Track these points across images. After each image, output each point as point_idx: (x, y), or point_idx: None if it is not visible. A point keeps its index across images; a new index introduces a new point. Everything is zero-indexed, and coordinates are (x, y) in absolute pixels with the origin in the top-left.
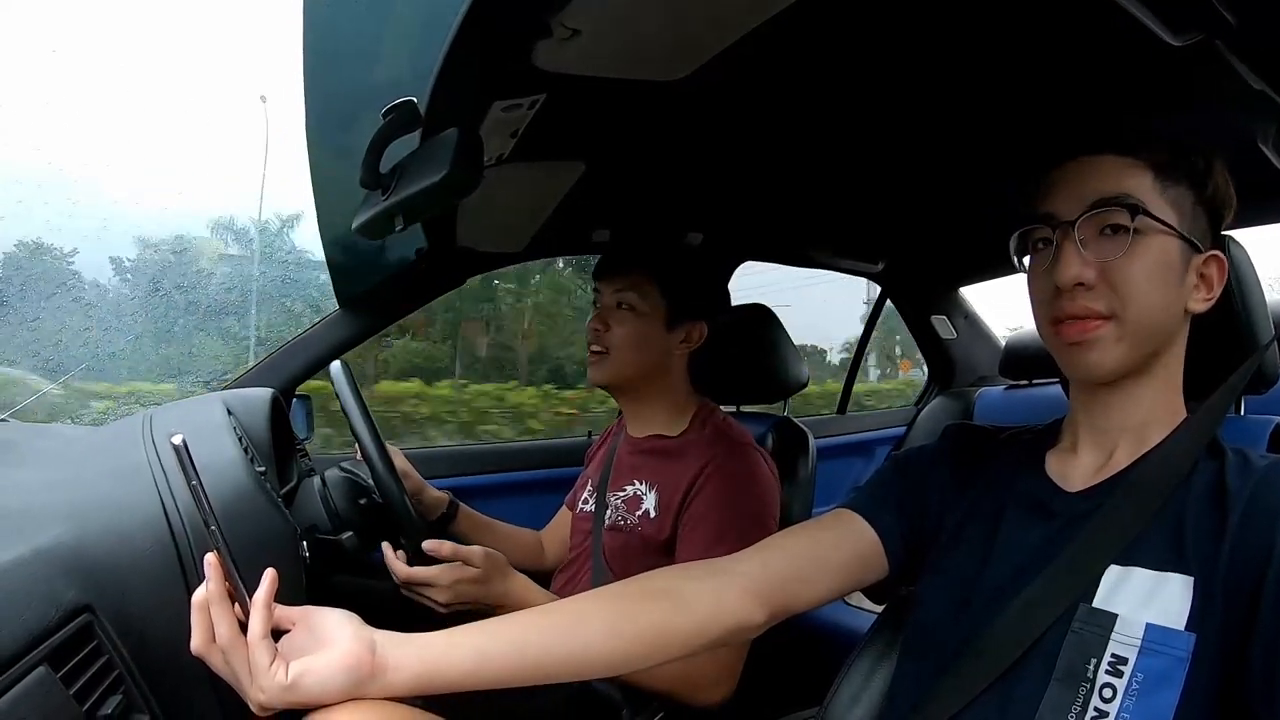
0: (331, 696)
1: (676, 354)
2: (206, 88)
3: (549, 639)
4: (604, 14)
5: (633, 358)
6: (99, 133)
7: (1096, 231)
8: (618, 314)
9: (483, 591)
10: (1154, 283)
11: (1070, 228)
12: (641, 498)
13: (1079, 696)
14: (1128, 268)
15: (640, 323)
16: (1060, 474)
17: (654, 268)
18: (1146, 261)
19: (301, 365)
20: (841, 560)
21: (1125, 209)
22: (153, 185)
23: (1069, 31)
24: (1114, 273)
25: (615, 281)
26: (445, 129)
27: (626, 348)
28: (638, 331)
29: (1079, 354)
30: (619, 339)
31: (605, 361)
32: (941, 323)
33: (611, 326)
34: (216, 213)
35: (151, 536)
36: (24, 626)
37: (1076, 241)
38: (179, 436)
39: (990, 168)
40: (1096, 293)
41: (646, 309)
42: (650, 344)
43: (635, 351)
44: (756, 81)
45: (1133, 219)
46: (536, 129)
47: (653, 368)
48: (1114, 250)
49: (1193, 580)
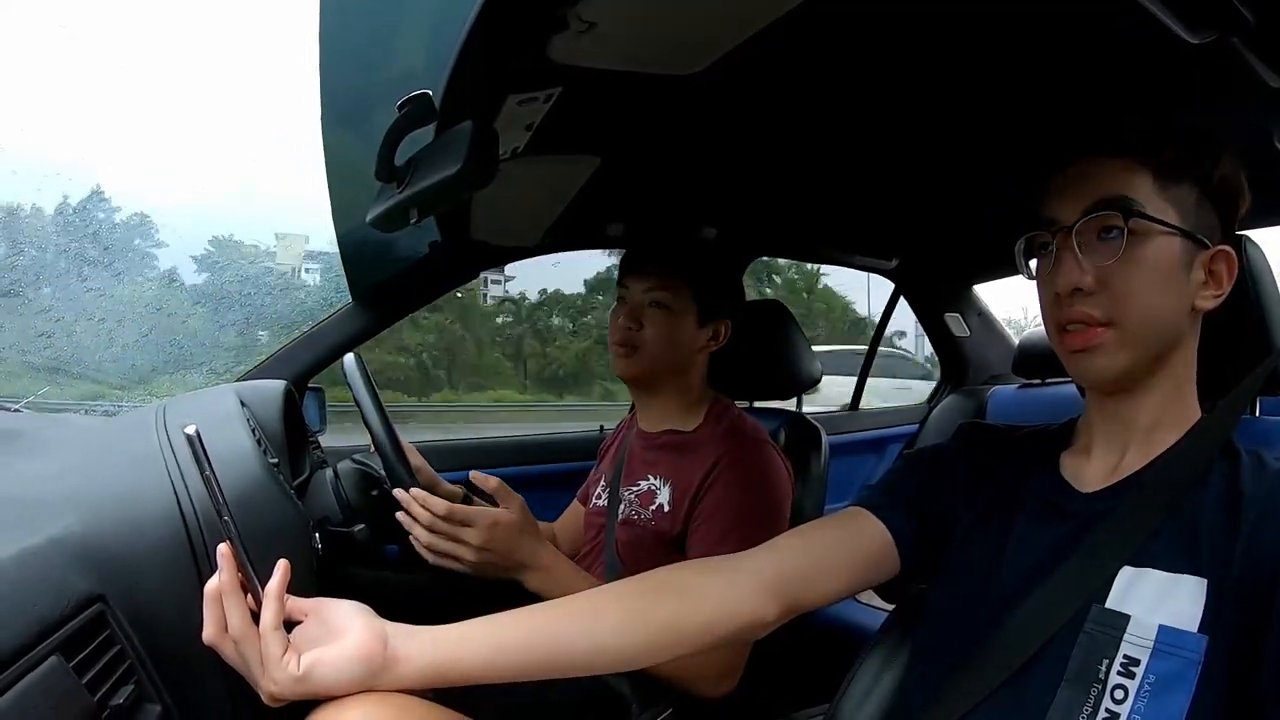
0: (343, 688)
1: (702, 353)
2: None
3: (561, 632)
4: (620, 7)
5: (663, 356)
6: None
7: (1095, 235)
8: (650, 312)
9: (514, 546)
10: (1153, 286)
11: (1069, 233)
12: (655, 492)
13: (1090, 697)
14: (1125, 272)
15: (673, 322)
16: (1074, 474)
17: (687, 267)
18: (1144, 264)
19: (314, 357)
20: (853, 558)
21: (1119, 212)
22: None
23: (1084, 30)
24: (1112, 278)
25: (647, 280)
26: (460, 122)
27: (658, 346)
28: (670, 330)
29: (1082, 361)
30: (651, 337)
31: (635, 356)
32: (955, 320)
33: (644, 325)
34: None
35: (164, 527)
36: (36, 616)
37: (1074, 247)
38: (192, 427)
39: (1000, 167)
40: (1095, 299)
41: (679, 308)
42: (681, 343)
43: (666, 350)
44: (771, 77)
45: (1126, 221)
46: (552, 122)
47: (679, 364)
48: (1111, 254)
49: (1206, 582)
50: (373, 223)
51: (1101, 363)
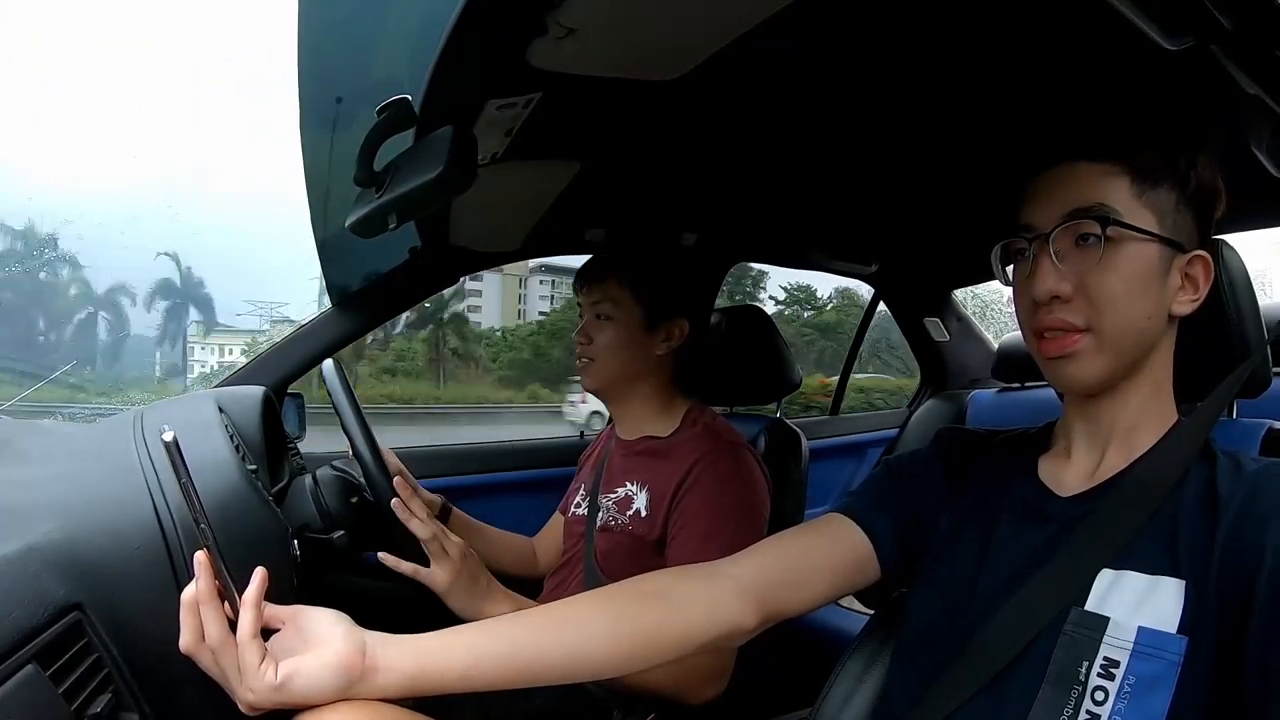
0: (321, 697)
1: (659, 354)
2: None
3: (542, 641)
4: (600, 13)
5: (615, 362)
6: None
7: (1072, 242)
8: (597, 324)
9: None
10: (1131, 292)
11: (1046, 240)
12: (633, 498)
13: (1071, 699)
14: (1102, 279)
15: (618, 329)
16: (1053, 478)
17: (624, 274)
18: (1122, 271)
19: (294, 364)
20: (834, 564)
21: (1096, 220)
22: None
23: (1061, 36)
24: (1089, 285)
25: (592, 293)
26: (440, 127)
27: (607, 354)
28: (617, 338)
29: (1060, 367)
30: (600, 347)
31: (592, 369)
32: (934, 325)
33: (593, 337)
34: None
35: (142, 534)
36: (13, 624)
37: (1051, 254)
38: (170, 433)
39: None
40: (1073, 306)
41: (622, 315)
42: (631, 348)
43: (617, 356)
44: (752, 82)
45: (1104, 229)
46: (531, 128)
47: (637, 370)
48: (1088, 261)
49: (1185, 584)
50: (352, 228)
51: (1078, 368)
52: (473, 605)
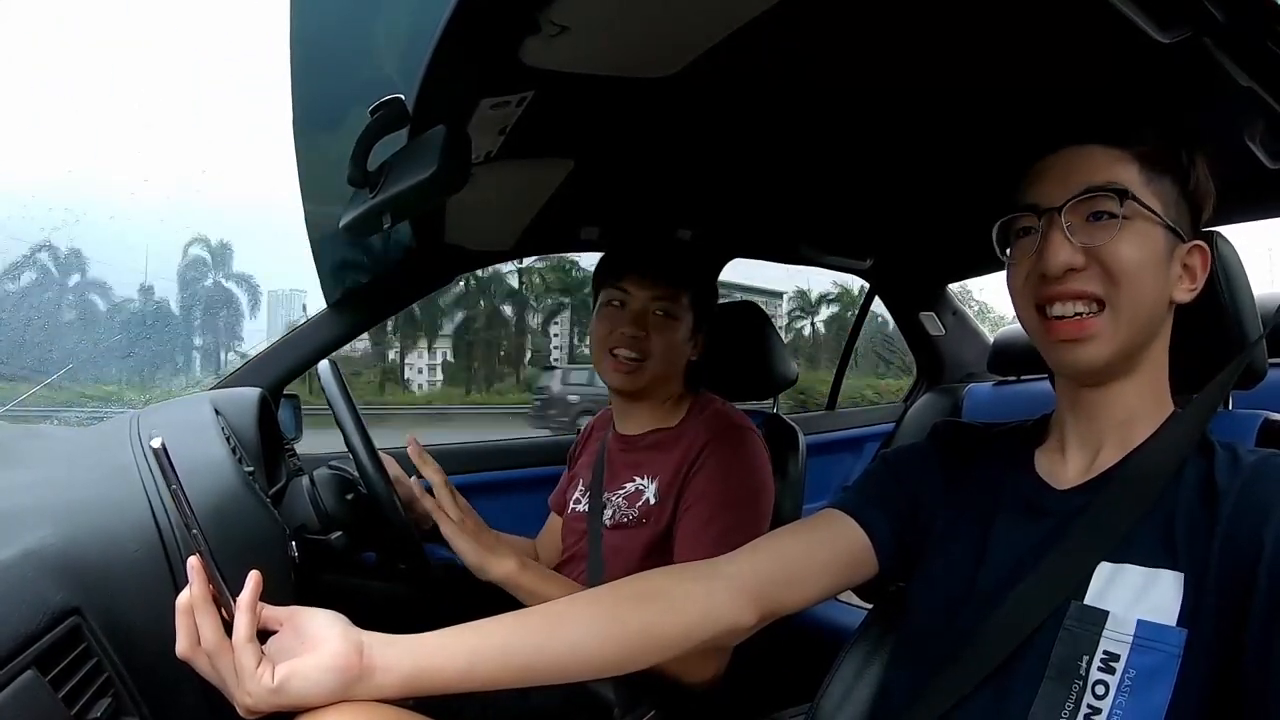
0: (319, 699)
1: (691, 359)
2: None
3: (540, 640)
4: (592, 10)
5: (666, 365)
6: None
7: (1083, 219)
8: (658, 321)
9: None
10: (1145, 268)
11: (1057, 213)
12: (643, 490)
13: (1072, 694)
14: (1118, 250)
15: (677, 331)
16: (1049, 472)
17: (691, 277)
18: (1136, 245)
19: (289, 365)
20: (832, 560)
21: (1114, 194)
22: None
23: (1057, 28)
24: (1105, 256)
25: (656, 288)
26: (433, 126)
27: (663, 356)
28: (674, 340)
29: (1071, 350)
30: (658, 347)
31: (643, 369)
32: (930, 319)
33: (650, 333)
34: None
35: (140, 538)
36: (11, 629)
37: (1064, 227)
38: (158, 440)
39: (975, 166)
40: (1088, 274)
41: (681, 317)
42: (680, 353)
43: (670, 359)
44: (745, 78)
45: (1121, 204)
46: (525, 126)
47: (673, 373)
48: (1103, 235)
49: (1183, 576)
50: (346, 228)
51: (1093, 350)
52: (481, 559)
